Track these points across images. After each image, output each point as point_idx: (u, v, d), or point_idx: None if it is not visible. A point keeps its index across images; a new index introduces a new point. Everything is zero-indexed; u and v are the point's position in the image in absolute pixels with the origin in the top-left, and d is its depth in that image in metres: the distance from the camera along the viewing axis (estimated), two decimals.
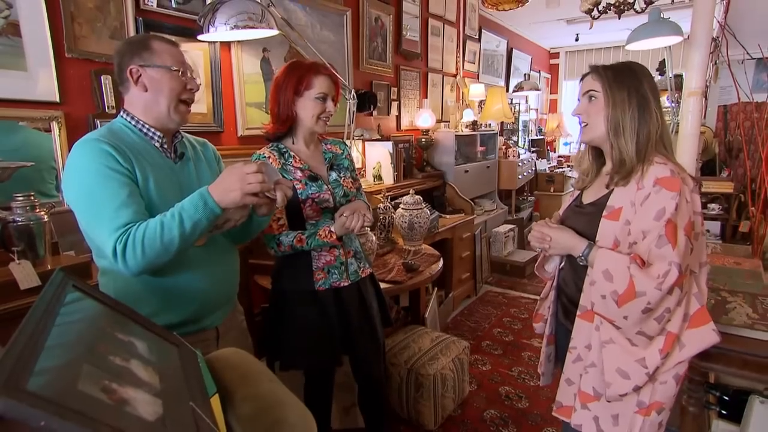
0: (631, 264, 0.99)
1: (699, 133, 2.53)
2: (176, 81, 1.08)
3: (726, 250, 1.96)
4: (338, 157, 1.51)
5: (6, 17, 1.40)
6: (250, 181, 0.96)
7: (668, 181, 0.99)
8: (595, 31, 2.90)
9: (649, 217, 0.99)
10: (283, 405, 0.78)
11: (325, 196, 1.39)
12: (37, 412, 0.40)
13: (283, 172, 1.37)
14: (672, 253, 0.96)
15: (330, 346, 1.43)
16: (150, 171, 1.04)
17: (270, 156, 1.38)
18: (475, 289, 3.64)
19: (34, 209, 1.33)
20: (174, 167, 1.12)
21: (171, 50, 1.09)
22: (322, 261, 1.41)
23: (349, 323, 1.45)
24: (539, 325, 1.38)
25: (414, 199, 2.55)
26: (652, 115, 1.06)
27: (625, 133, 1.06)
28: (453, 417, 2.10)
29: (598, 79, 1.10)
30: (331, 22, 2.64)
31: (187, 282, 1.09)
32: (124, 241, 0.94)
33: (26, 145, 1.51)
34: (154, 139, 1.09)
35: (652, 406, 1.04)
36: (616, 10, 2.33)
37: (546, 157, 6.11)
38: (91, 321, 0.68)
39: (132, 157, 1.02)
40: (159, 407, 0.58)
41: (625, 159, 1.06)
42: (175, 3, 1.86)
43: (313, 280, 1.40)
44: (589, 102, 1.12)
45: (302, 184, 1.38)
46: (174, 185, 1.09)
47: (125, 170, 1.00)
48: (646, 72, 1.11)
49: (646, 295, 0.96)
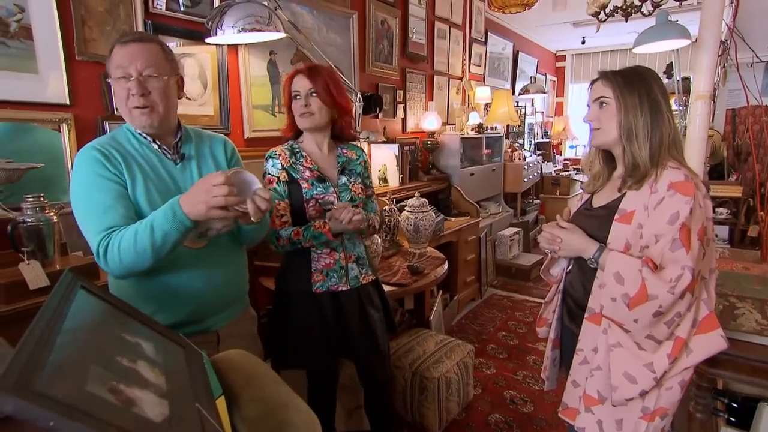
0: (643, 267, 0.98)
1: (707, 137, 2.51)
2: (121, 89, 1.04)
3: (734, 255, 1.94)
4: (352, 162, 1.51)
5: (18, 21, 1.42)
6: (215, 194, 0.90)
7: (682, 185, 0.99)
8: (602, 34, 2.89)
9: (663, 221, 0.99)
10: (288, 407, 0.78)
11: (329, 198, 1.40)
12: (46, 413, 0.41)
13: (292, 171, 1.40)
14: (686, 257, 0.96)
15: (327, 348, 1.44)
16: (139, 175, 1.06)
17: (281, 154, 1.42)
18: (480, 293, 3.63)
19: (44, 210, 1.34)
20: (174, 169, 1.12)
21: (122, 56, 1.03)
22: (321, 263, 1.42)
23: (348, 327, 1.45)
24: (543, 329, 1.37)
25: (419, 201, 2.55)
26: (665, 119, 1.06)
27: (638, 137, 1.05)
28: (457, 420, 2.10)
29: (609, 84, 1.09)
30: (337, 24, 2.65)
31: (181, 284, 1.09)
32: (105, 244, 0.97)
33: (37, 146, 1.53)
34: (153, 144, 1.11)
35: (657, 412, 1.04)
36: (623, 13, 2.32)
37: (552, 160, 6.09)
38: (99, 322, 0.69)
39: (122, 161, 1.04)
40: (165, 408, 0.58)
41: (638, 163, 1.05)
42: (184, 6, 1.88)
43: (311, 282, 1.41)
44: (600, 108, 1.12)
45: (308, 183, 1.40)
46: (171, 187, 1.09)
47: (113, 175, 1.02)
48: (656, 75, 1.11)
49: (658, 299, 0.96)
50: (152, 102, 1.05)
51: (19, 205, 1.34)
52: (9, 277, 1.22)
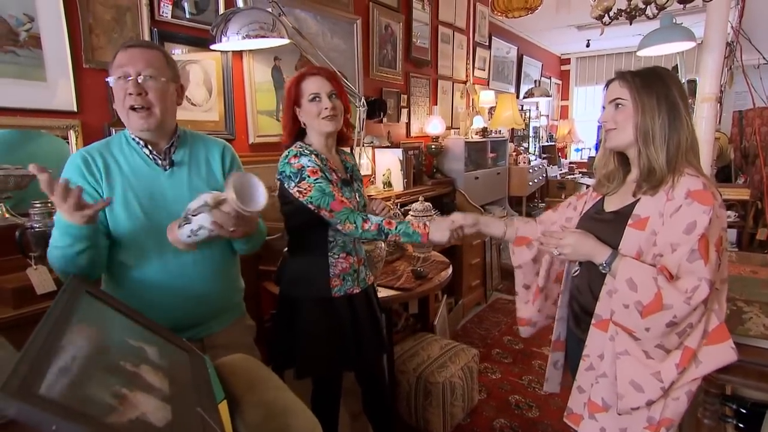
0: (658, 275, 0.96)
1: (714, 139, 2.49)
2: (119, 89, 1.05)
3: (742, 259, 1.91)
4: (353, 166, 1.52)
5: (28, 30, 1.45)
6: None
7: (701, 194, 0.96)
8: (607, 37, 2.88)
9: (679, 230, 0.96)
10: (291, 412, 0.78)
11: (353, 202, 1.39)
12: (48, 416, 0.41)
13: (325, 170, 1.32)
14: (704, 269, 0.93)
15: (343, 354, 1.43)
16: (119, 182, 1.08)
17: (310, 152, 1.33)
18: (485, 297, 3.61)
19: (51, 216, 1.36)
20: (162, 176, 1.13)
21: (124, 58, 1.04)
22: (339, 268, 1.40)
23: (362, 330, 1.45)
24: (525, 329, 1.36)
25: (423, 205, 2.55)
26: (683, 123, 1.02)
27: (654, 141, 1.02)
28: (462, 426, 2.08)
29: (626, 85, 1.06)
30: (341, 30, 2.67)
31: (160, 293, 1.09)
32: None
33: (45, 153, 1.55)
34: (146, 149, 1.12)
35: (662, 423, 1.02)
36: (627, 15, 2.31)
37: (557, 163, 6.07)
38: (103, 326, 0.70)
39: (102, 168, 1.07)
40: (168, 413, 0.58)
41: (654, 168, 1.02)
42: (189, 14, 1.90)
43: (329, 287, 1.39)
44: (615, 110, 1.08)
45: (337, 188, 1.33)
46: (155, 194, 1.10)
47: (86, 183, 1.04)
48: (674, 77, 1.07)
49: (673, 308, 0.93)
50: (149, 102, 1.05)
51: (27, 211, 1.36)
52: (17, 282, 1.24)
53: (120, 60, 1.05)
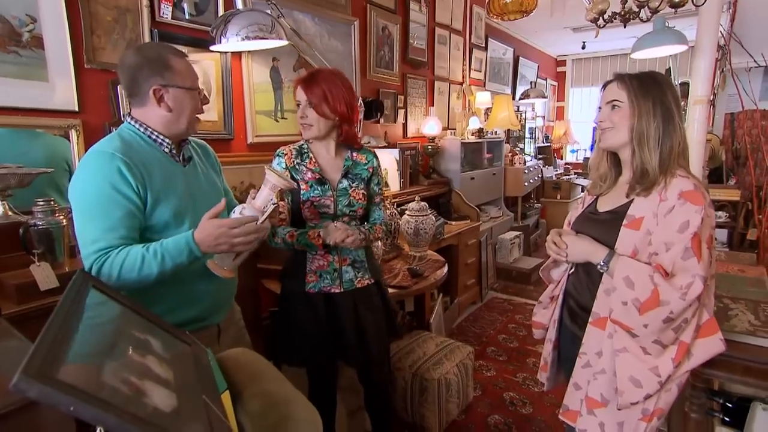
0: (654, 273, 0.99)
1: (705, 141, 2.53)
2: (196, 100, 1.14)
3: (730, 258, 1.96)
4: (358, 166, 1.50)
5: (31, 31, 1.47)
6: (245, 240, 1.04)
7: (693, 195, 1.00)
8: (602, 39, 2.92)
9: (673, 229, 0.99)
10: (291, 402, 0.81)
11: (326, 201, 1.42)
12: (67, 398, 0.44)
13: (293, 171, 1.43)
14: (697, 266, 0.97)
15: (323, 347, 1.47)
16: (158, 182, 1.07)
17: (287, 153, 1.46)
18: (481, 296, 3.65)
19: (54, 214, 1.38)
20: (183, 171, 1.17)
21: (188, 68, 1.13)
22: (315, 264, 1.45)
23: (343, 329, 1.47)
24: (539, 332, 1.39)
25: (420, 205, 2.58)
26: (676, 127, 1.06)
27: (648, 143, 1.05)
28: (457, 422, 2.11)
29: (624, 88, 1.09)
30: (339, 31, 2.70)
31: (200, 285, 1.15)
32: (101, 262, 0.98)
33: (46, 152, 1.57)
34: (164, 146, 1.13)
35: (655, 413, 1.05)
36: (621, 18, 2.35)
37: (553, 164, 6.11)
38: (111, 319, 0.72)
39: (144, 173, 1.04)
40: (174, 400, 0.61)
41: (647, 170, 1.05)
42: (189, 15, 1.93)
43: (305, 282, 1.45)
44: (612, 111, 1.11)
45: (307, 185, 1.43)
46: (184, 190, 1.14)
47: (131, 191, 1.01)
48: (669, 82, 1.10)
49: (670, 305, 0.97)
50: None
51: (30, 208, 1.38)
52: (20, 279, 1.26)
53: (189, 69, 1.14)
